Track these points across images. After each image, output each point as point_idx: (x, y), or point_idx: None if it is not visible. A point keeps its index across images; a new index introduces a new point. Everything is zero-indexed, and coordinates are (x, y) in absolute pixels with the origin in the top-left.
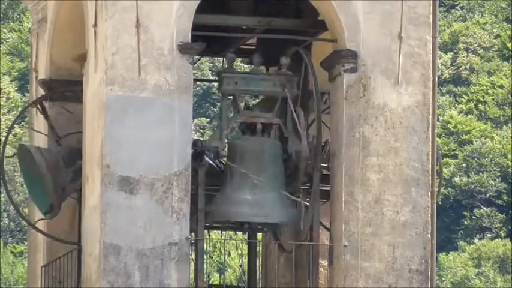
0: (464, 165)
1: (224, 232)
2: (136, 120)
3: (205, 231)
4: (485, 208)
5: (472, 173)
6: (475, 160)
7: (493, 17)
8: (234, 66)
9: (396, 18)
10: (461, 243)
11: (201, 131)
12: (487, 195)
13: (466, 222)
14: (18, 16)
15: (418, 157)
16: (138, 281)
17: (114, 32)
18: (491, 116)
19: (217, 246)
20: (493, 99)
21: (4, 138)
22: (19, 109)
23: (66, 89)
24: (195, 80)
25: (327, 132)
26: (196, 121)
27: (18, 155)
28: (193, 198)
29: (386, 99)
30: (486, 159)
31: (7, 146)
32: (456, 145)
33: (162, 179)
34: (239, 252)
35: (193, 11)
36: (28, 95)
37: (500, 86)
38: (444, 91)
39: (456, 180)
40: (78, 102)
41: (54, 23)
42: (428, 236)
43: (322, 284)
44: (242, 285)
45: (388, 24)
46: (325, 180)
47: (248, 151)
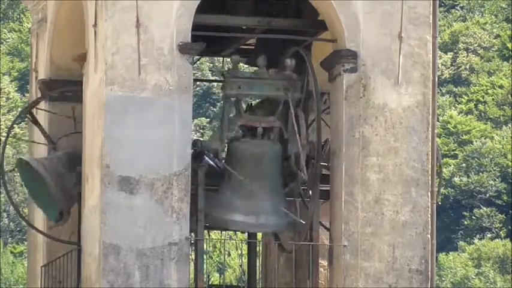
0: (464, 165)
1: (224, 232)
2: (136, 120)
3: (205, 231)
4: (485, 208)
5: (471, 173)
6: (475, 160)
7: (493, 17)
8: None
9: (396, 18)
10: (461, 243)
11: (201, 131)
12: (487, 195)
13: (465, 222)
14: (18, 16)
15: (418, 157)
16: (138, 281)
17: (114, 32)
18: (491, 116)
19: (217, 246)
20: (493, 99)
21: (4, 138)
22: (19, 109)
23: (66, 89)
24: (195, 80)
25: (327, 131)
26: (196, 121)
27: (19, 169)
28: (193, 198)
29: (386, 99)
30: (486, 159)
31: (7, 146)
32: (456, 145)
33: (162, 179)
34: (239, 252)
35: (193, 11)
36: (28, 95)
37: (500, 86)
38: (444, 91)
39: (456, 180)
40: (78, 102)
41: (54, 23)
42: (428, 236)
43: (322, 284)
44: (242, 285)
45: (388, 24)
46: (325, 180)
47: (248, 154)
